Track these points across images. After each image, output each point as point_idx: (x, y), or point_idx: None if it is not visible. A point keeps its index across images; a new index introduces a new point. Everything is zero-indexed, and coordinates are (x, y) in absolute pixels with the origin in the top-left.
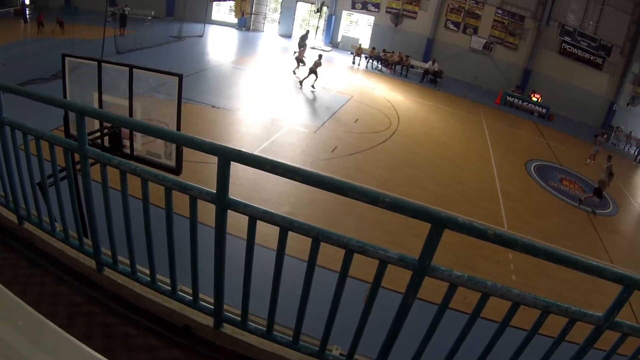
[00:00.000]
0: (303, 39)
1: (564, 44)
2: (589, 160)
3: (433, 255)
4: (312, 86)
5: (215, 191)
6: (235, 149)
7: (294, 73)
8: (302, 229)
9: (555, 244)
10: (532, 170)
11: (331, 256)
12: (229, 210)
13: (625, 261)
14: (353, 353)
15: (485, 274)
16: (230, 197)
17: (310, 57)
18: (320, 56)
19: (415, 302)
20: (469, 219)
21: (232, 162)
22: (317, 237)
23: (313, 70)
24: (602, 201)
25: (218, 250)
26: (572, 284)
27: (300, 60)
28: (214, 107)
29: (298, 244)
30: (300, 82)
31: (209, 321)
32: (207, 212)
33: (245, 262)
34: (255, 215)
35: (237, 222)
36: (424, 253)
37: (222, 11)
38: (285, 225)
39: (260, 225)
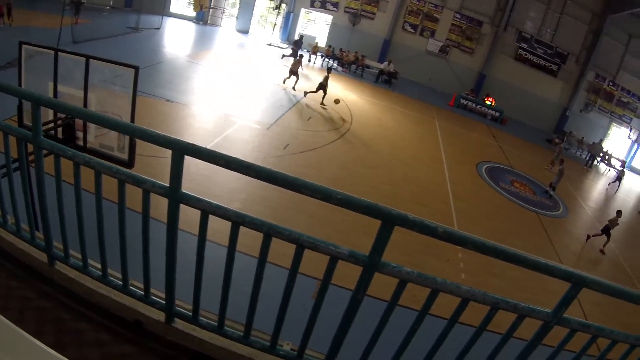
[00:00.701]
0: (298, 45)
1: (520, 50)
2: (549, 166)
3: (383, 251)
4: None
5: (168, 185)
6: (189, 143)
7: (284, 82)
8: (254, 224)
9: (505, 244)
10: (484, 171)
11: (282, 253)
12: (182, 206)
13: (575, 261)
14: (304, 348)
15: (436, 272)
16: (183, 191)
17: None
18: (329, 69)
19: (367, 298)
20: (420, 218)
21: (185, 157)
22: (269, 232)
23: (323, 86)
24: (553, 203)
25: (170, 244)
26: (521, 283)
27: (294, 72)
28: (168, 100)
29: (249, 241)
30: (305, 93)
31: (160, 316)
32: (160, 207)
33: (197, 257)
34: (207, 210)
35: (189, 218)
36: (374, 249)
37: (181, 4)
38: (238, 220)
39: (212, 221)
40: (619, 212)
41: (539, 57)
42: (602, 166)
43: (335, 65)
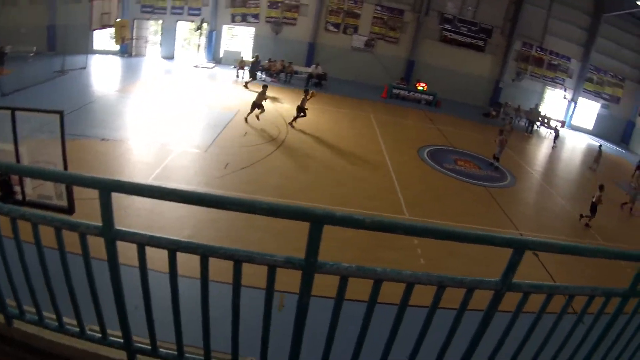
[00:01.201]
0: (254, 67)
1: (444, 31)
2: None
3: (317, 252)
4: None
5: (101, 224)
6: (114, 180)
7: (246, 121)
8: (189, 248)
9: (457, 222)
10: (426, 156)
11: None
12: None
13: (531, 226)
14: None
15: (394, 263)
16: (118, 227)
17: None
18: (265, 87)
19: (319, 301)
20: (348, 213)
21: (120, 194)
22: (205, 253)
23: (257, 105)
24: (500, 174)
25: (114, 282)
26: (478, 259)
27: (258, 105)
28: (103, 139)
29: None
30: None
31: (122, 355)
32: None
33: (143, 290)
34: (142, 242)
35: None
36: (308, 251)
37: (104, 39)
38: (173, 247)
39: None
40: (601, 187)
41: (464, 35)
42: (543, 130)
43: (263, 76)
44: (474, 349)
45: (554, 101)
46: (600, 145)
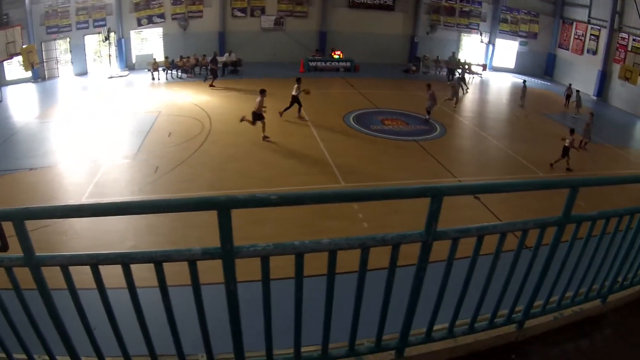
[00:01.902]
0: (214, 62)
1: None
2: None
3: (231, 238)
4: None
5: (22, 255)
6: (23, 208)
7: (265, 138)
8: (109, 259)
9: (395, 180)
10: (352, 121)
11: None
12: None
13: (469, 171)
14: (210, 353)
15: (338, 232)
16: (37, 254)
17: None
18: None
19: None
20: (251, 194)
21: (35, 220)
22: (124, 261)
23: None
24: (429, 127)
25: (48, 308)
26: (424, 212)
27: (260, 116)
28: (31, 169)
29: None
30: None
31: None
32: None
33: (77, 309)
34: (64, 263)
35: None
36: (223, 239)
37: (14, 68)
38: (93, 262)
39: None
40: (572, 131)
41: None
42: (466, 76)
43: (179, 73)
44: (415, 304)
45: (472, 47)
46: (524, 81)
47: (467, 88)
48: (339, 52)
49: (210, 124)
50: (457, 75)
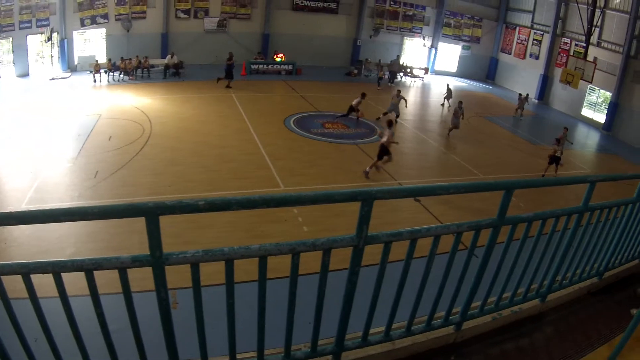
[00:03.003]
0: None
1: (296, 0)
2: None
3: (160, 244)
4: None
5: None
6: None
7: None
8: (40, 269)
9: (334, 183)
10: (292, 124)
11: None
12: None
13: (410, 174)
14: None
15: (279, 236)
16: None
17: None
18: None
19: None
20: (178, 200)
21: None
22: (55, 270)
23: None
24: (368, 130)
25: None
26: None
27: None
28: None
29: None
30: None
31: None
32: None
33: (11, 321)
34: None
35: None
36: (152, 246)
37: None
38: (24, 271)
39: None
40: (557, 141)
41: (316, 0)
42: (408, 80)
43: (120, 76)
44: (349, 308)
45: (415, 50)
46: (448, 84)
47: (380, 87)
48: (281, 55)
49: (150, 127)
50: (399, 78)
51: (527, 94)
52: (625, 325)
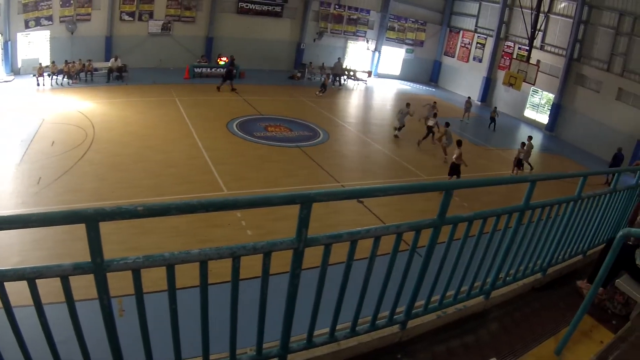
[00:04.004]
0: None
1: (240, 3)
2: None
3: (101, 251)
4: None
5: None
6: None
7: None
8: None
9: (278, 186)
10: (235, 128)
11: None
12: None
13: (352, 176)
14: None
15: (222, 240)
16: None
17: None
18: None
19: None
20: (117, 206)
21: None
22: None
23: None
24: (312, 133)
25: None
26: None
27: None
28: None
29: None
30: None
31: None
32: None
33: None
34: None
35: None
36: (92, 252)
37: None
38: None
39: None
40: (522, 144)
41: (260, 3)
42: (351, 82)
43: (64, 79)
44: (292, 310)
45: (358, 54)
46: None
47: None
48: (224, 58)
49: (94, 132)
50: (343, 81)
51: (469, 97)
52: (570, 318)
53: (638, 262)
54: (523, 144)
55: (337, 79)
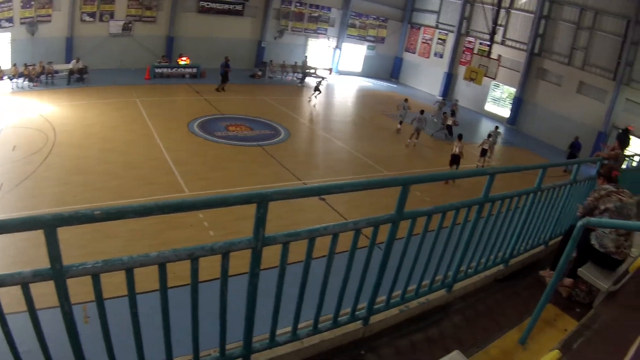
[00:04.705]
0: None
1: (201, 2)
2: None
3: (60, 256)
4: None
5: None
6: None
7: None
8: None
9: (240, 186)
10: (196, 128)
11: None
12: None
13: (314, 174)
14: None
15: (185, 242)
16: None
17: None
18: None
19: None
20: (74, 210)
21: None
22: None
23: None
24: (273, 131)
25: None
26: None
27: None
28: None
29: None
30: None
31: None
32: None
33: None
34: None
35: None
36: (52, 258)
37: None
38: None
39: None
40: (489, 135)
41: (222, 2)
42: (312, 80)
43: (24, 82)
44: (252, 310)
45: (319, 51)
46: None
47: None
48: (185, 58)
49: (55, 135)
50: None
51: (443, 98)
52: (533, 308)
53: (592, 242)
54: (489, 135)
55: (304, 77)
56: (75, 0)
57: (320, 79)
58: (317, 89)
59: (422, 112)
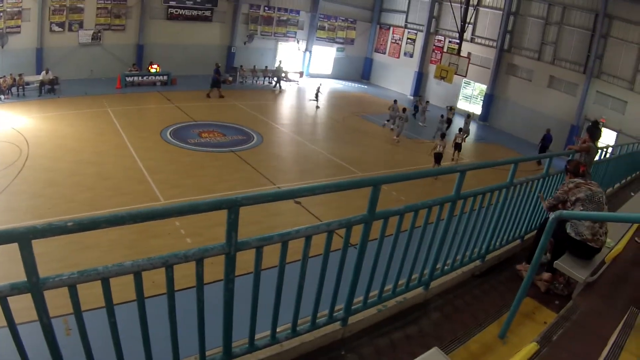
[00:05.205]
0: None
1: (170, 9)
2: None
3: (36, 269)
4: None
5: None
6: None
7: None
8: None
9: (214, 192)
10: (169, 136)
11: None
12: None
13: (288, 177)
14: None
15: (163, 250)
16: None
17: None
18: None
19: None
20: (48, 222)
21: None
22: None
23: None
24: (246, 137)
25: None
26: (247, 221)
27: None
28: None
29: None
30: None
31: None
32: None
33: None
34: None
35: None
36: (27, 271)
37: None
38: None
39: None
40: (442, 136)
41: (190, 9)
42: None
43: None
44: (230, 316)
45: (289, 55)
46: (320, 85)
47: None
48: (156, 66)
49: (28, 148)
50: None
51: (427, 101)
52: (511, 302)
53: (568, 231)
54: (460, 129)
55: (278, 82)
56: (44, 10)
57: (319, 85)
58: (317, 95)
59: (404, 110)
